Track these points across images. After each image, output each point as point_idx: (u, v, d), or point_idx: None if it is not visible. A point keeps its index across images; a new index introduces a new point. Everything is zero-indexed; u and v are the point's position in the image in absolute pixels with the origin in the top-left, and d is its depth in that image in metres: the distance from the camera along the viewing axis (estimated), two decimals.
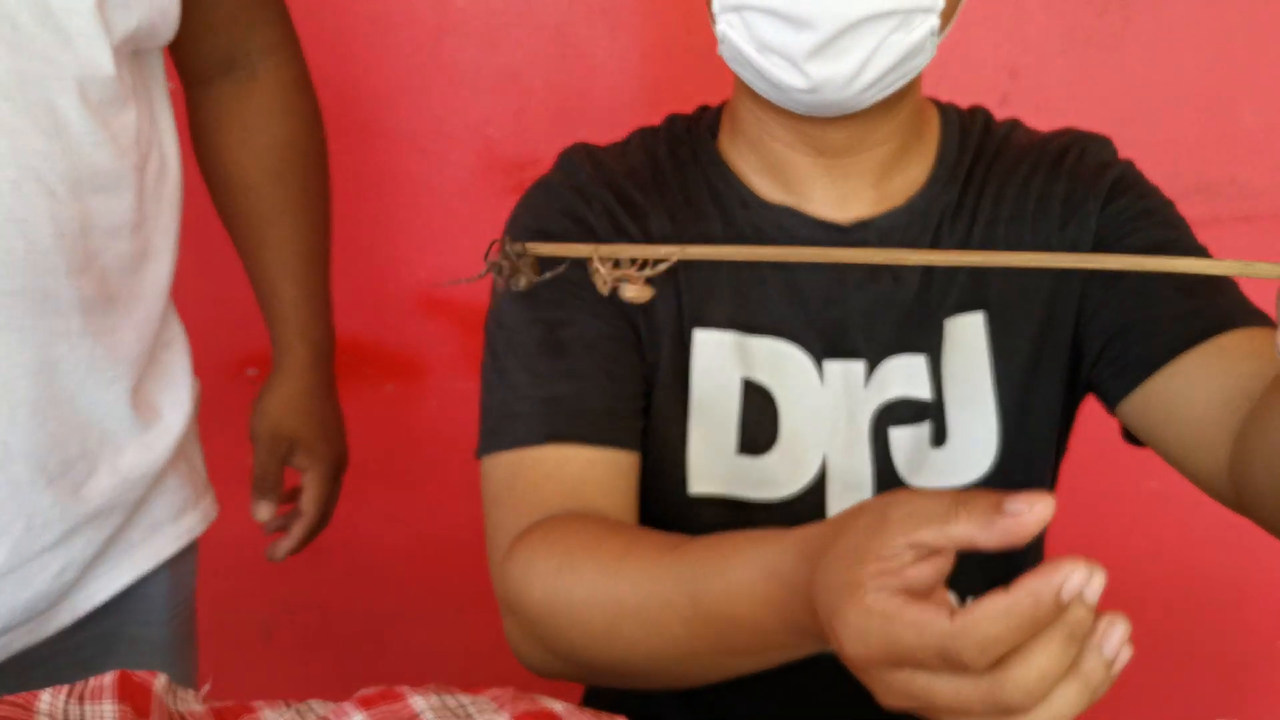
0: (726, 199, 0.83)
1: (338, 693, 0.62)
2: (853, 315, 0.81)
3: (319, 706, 0.62)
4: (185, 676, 0.97)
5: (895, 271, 0.81)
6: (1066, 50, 1.35)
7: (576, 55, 1.37)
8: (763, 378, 0.81)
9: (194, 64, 0.97)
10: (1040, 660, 0.44)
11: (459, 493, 1.53)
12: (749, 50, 0.73)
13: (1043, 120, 0.89)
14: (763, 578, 0.55)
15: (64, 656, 0.85)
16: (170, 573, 0.92)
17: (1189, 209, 0.87)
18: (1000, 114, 0.89)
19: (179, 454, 0.91)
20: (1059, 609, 0.43)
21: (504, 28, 1.36)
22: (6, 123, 0.71)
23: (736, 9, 0.73)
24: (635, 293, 0.49)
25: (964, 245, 0.82)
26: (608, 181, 0.83)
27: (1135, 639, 0.46)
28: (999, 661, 0.44)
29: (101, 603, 0.86)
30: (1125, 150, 0.88)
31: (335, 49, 1.36)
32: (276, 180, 1.00)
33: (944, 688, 0.46)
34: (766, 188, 0.83)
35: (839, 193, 0.81)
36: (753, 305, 0.81)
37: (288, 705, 0.62)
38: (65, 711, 0.56)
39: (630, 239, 0.81)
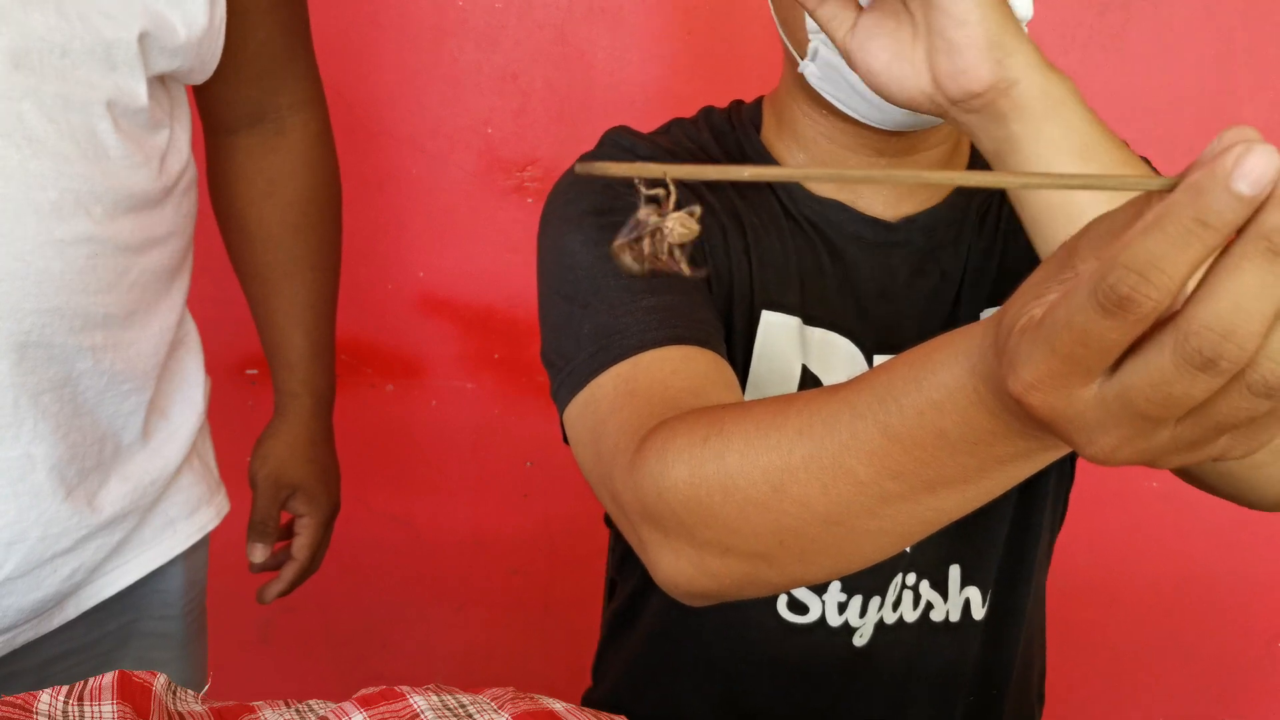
0: (777, 191, 0.83)
1: (338, 693, 0.62)
2: (905, 312, 0.82)
3: (319, 706, 0.62)
4: (197, 668, 0.98)
5: (942, 267, 0.82)
6: (1066, 50, 1.35)
7: (576, 55, 1.37)
8: (815, 367, 0.81)
9: (222, 114, 0.97)
10: (1230, 284, 0.34)
11: (459, 493, 1.54)
12: (844, 67, 0.72)
13: None
14: (970, 375, 0.45)
15: (81, 652, 0.87)
16: (185, 567, 0.93)
17: None
18: None
19: (191, 453, 0.92)
20: (1240, 209, 0.33)
21: (504, 28, 1.36)
22: (51, 145, 0.73)
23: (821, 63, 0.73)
24: (678, 224, 0.41)
25: (992, 243, 0.83)
26: (671, 154, 0.82)
27: (1135, 639, 0.42)
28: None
29: (107, 598, 0.86)
30: None
31: (335, 49, 1.36)
32: (296, 234, 1.01)
33: (1135, 376, 0.37)
34: (814, 183, 0.82)
35: (889, 192, 0.82)
36: (811, 295, 0.81)
37: (288, 705, 0.62)
38: (65, 712, 0.56)
39: (709, 207, 0.79)
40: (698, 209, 0.40)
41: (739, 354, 0.80)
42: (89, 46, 0.73)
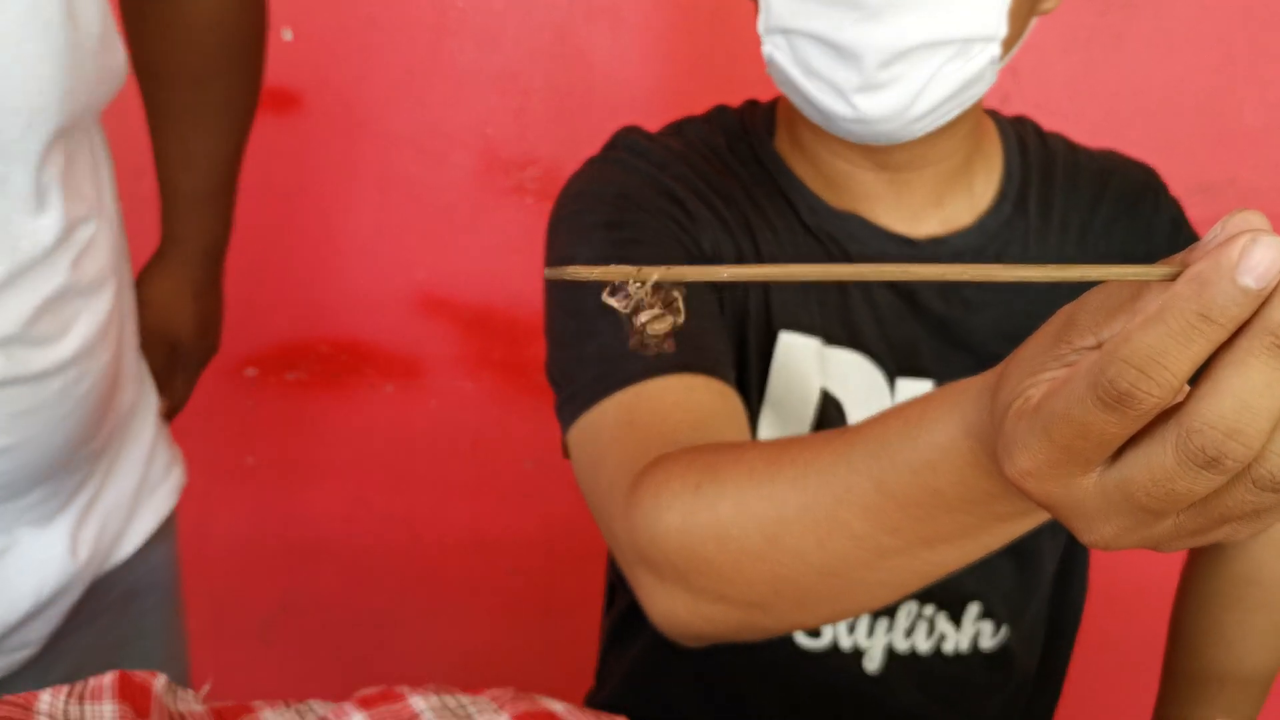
0: (795, 203, 0.80)
1: (338, 693, 0.62)
2: (924, 335, 0.79)
3: (319, 706, 0.62)
4: (180, 612, 1.00)
5: (964, 296, 0.79)
6: (1067, 50, 1.35)
7: (576, 55, 1.37)
8: (836, 389, 0.79)
9: None
10: (1234, 381, 0.33)
11: (459, 493, 1.54)
12: (795, 74, 0.71)
13: (1043, 120, 0.89)
14: (965, 436, 0.44)
15: (107, 612, 0.89)
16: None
17: (1189, 209, 0.87)
18: (1001, 114, 0.88)
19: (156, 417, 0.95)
20: (1246, 303, 0.32)
21: (504, 28, 1.36)
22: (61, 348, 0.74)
23: (784, 32, 0.70)
24: (652, 320, 0.38)
25: (1024, 284, 0.80)
26: (684, 160, 0.79)
27: (1136, 640, 0.41)
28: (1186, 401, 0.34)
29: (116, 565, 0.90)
30: (1125, 151, 0.88)
31: (335, 49, 1.36)
32: (194, 84, 0.99)
33: (1135, 470, 0.36)
34: (830, 196, 0.80)
35: (905, 208, 0.79)
36: (831, 313, 0.78)
37: (287, 705, 0.62)
38: (65, 711, 0.56)
39: (723, 222, 0.78)
40: (676, 300, 0.38)
41: (755, 374, 0.78)
42: (58, 234, 0.72)
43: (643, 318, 0.37)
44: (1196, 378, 0.35)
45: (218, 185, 1.02)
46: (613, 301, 0.38)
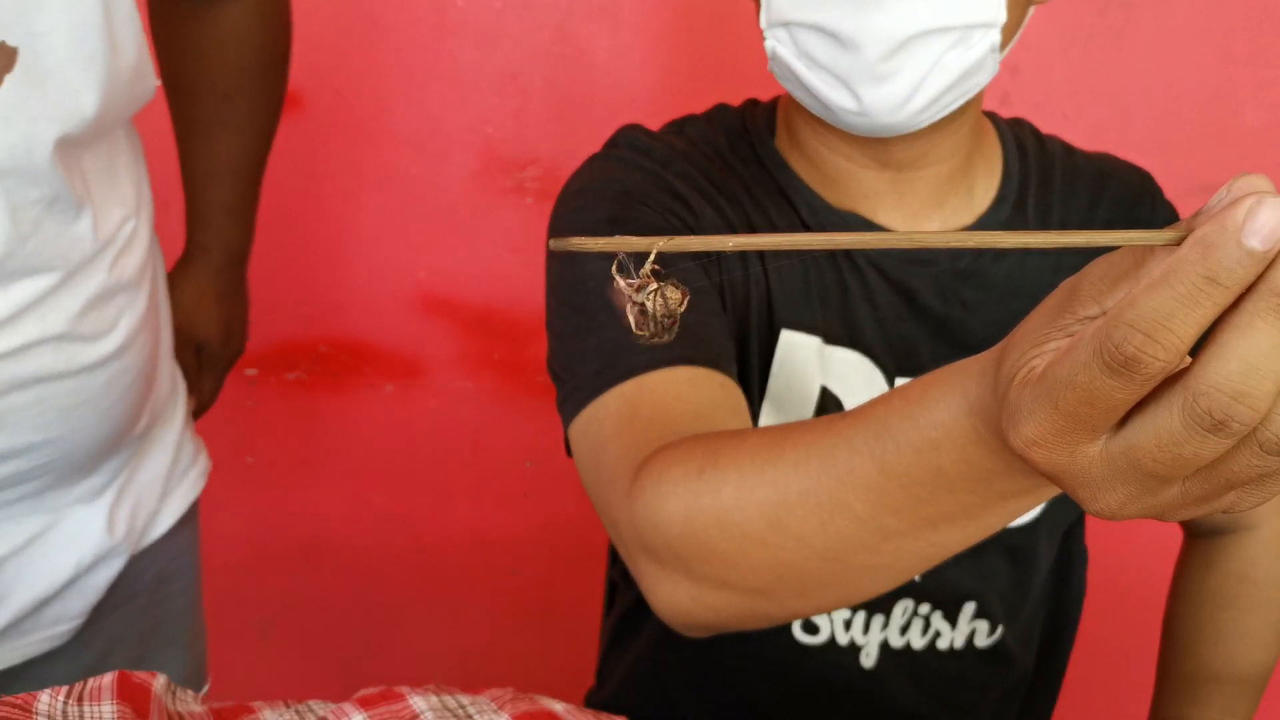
0: (795, 203, 0.80)
1: (337, 693, 0.62)
2: (923, 336, 0.79)
3: (319, 707, 0.62)
4: (198, 597, 1.01)
5: (963, 296, 0.79)
6: (1067, 49, 1.35)
7: (576, 55, 1.37)
8: (835, 387, 0.79)
9: None
10: (1240, 344, 0.33)
11: (459, 493, 1.54)
12: (798, 67, 0.71)
13: (1043, 119, 0.89)
14: (968, 414, 0.44)
15: (139, 596, 0.91)
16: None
17: (1189, 209, 0.87)
18: (1001, 113, 0.89)
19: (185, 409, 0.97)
20: (1252, 265, 0.32)
21: (504, 28, 1.36)
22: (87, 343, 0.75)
23: (785, 25, 0.70)
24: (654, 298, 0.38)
25: (1020, 283, 0.80)
26: (687, 158, 0.79)
27: (1136, 640, 0.41)
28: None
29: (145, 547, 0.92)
30: (1125, 151, 0.88)
31: (335, 49, 1.36)
32: (222, 99, 1.01)
33: (1142, 435, 0.35)
34: (830, 195, 0.80)
35: (905, 208, 0.79)
36: (832, 313, 0.78)
37: (287, 705, 0.62)
38: (64, 712, 0.56)
39: (725, 220, 0.77)
40: (678, 294, 0.38)
41: (756, 372, 0.78)
42: (100, 237, 0.75)
43: (643, 297, 0.37)
44: (1200, 344, 0.34)
45: (241, 195, 1.05)
46: (619, 280, 0.37)
